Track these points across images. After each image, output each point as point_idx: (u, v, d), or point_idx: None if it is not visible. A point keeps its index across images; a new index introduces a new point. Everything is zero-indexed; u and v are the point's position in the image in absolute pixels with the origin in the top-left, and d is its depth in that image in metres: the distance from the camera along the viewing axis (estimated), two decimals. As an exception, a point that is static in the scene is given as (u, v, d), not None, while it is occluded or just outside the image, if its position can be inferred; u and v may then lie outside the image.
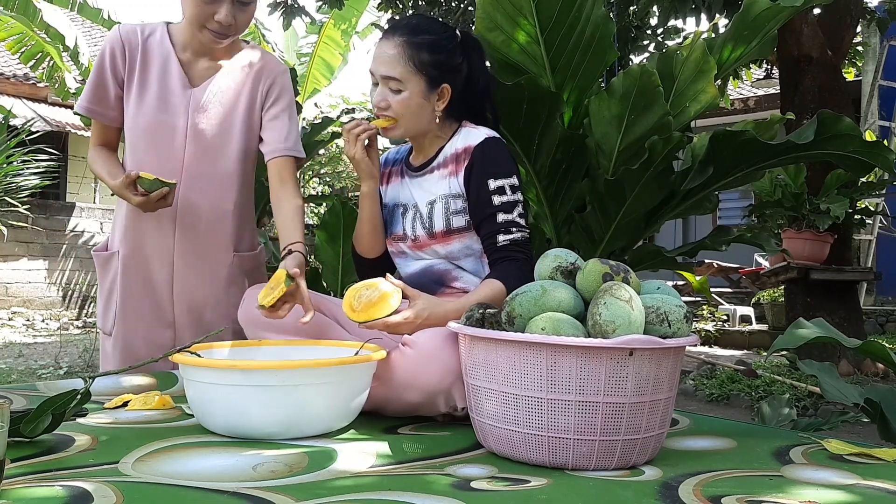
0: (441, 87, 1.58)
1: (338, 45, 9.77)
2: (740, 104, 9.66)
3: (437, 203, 1.58)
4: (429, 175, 1.62)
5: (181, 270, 1.82)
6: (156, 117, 1.78)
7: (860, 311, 5.17)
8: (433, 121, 1.60)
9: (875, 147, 2.07)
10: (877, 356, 1.41)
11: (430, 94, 1.57)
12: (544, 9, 2.17)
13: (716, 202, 2.47)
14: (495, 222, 1.51)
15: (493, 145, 1.56)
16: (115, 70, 1.79)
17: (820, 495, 0.94)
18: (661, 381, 1.07)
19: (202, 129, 1.79)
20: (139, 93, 1.79)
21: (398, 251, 1.67)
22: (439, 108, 1.59)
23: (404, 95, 1.55)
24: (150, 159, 1.77)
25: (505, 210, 1.51)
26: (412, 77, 1.55)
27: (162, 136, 1.78)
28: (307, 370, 1.21)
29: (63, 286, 9.04)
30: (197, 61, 1.82)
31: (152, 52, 1.80)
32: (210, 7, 1.68)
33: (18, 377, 4.81)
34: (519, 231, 1.52)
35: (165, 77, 1.80)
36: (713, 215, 7.66)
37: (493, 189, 1.52)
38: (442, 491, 0.93)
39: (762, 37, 2.29)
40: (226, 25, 1.70)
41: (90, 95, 1.81)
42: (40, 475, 0.96)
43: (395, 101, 1.56)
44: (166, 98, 1.78)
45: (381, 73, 1.56)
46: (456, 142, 1.60)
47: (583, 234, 2.41)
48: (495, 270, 1.51)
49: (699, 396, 4.49)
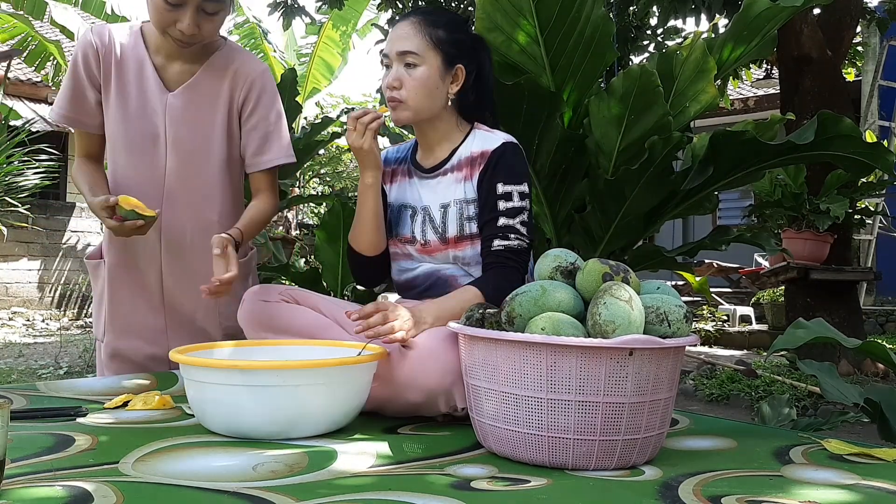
0: (456, 68, 1.56)
1: (337, 44, 9.78)
2: (740, 104, 9.66)
3: (451, 208, 1.55)
4: (442, 177, 1.59)
5: (169, 279, 1.79)
6: (135, 125, 1.72)
7: (860, 311, 5.17)
8: (444, 106, 1.57)
9: (875, 147, 2.08)
10: (877, 356, 1.41)
11: (445, 74, 1.55)
12: (544, 9, 2.17)
13: (716, 202, 2.47)
14: (495, 226, 1.49)
15: (511, 151, 1.54)
16: (90, 74, 1.71)
17: (820, 495, 0.94)
18: (660, 381, 1.07)
19: (181, 136, 1.73)
20: (118, 99, 1.72)
21: (403, 253, 1.63)
22: (452, 90, 1.56)
23: (420, 71, 1.52)
24: (131, 168, 1.72)
25: (507, 215, 1.49)
26: (429, 52, 1.53)
27: (142, 144, 1.72)
28: (307, 370, 1.21)
29: (63, 286, 9.04)
30: (171, 65, 1.74)
31: (126, 55, 1.72)
32: (171, 14, 1.59)
33: (18, 377, 4.81)
34: (517, 238, 1.49)
35: (141, 81, 1.72)
36: (713, 215, 7.66)
37: (501, 193, 1.50)
38: (442, 491, 0.93)
39: (762, 37, 2.29)
40: (188, 35, 1.61)
41: (66, 103, 1.72)
42: (40, 475, 0.96)
43: (410, 78, 1.52)
44: (143, 104, 1.71)
45: (396, 49, 1.53)
46: (471, 144, 1.57)
47: (583, 234, 2.41)
48: (479, 277, 1.50)
49: (699, 396, 4.49)
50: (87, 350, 5.73)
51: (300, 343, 1.47)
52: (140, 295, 1.80)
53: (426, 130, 1.61)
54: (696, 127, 2.85)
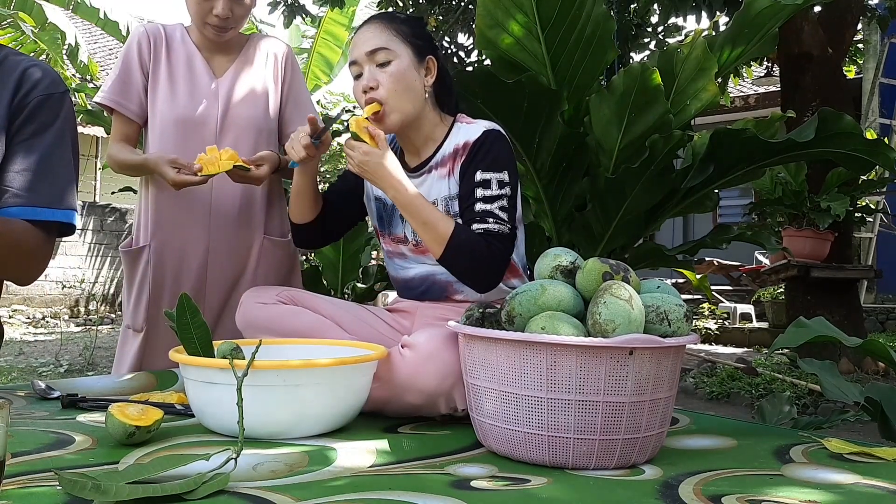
0: (427, 59, 1.55)
1: (336, 39, 9.76)
2: (741, 102, 9.66)
3: (438, 206, 1.53)
4: (427, 175, 1.57)
5: (215, 256, 1.88)
6: (187, 108, 1.85)
7: (860, 309, 5.17)
8: (424, 99, 1.55)
9: (876, 145, 2.07)
10: (877, 354, 1.41)
11: (419, 66, 1.54)
12: (545, 6, 2.17)
13: (716, 200, 2.47)
14: (473, 211, 1.46)
15: (492, 139, 1.50)
16: (142, 61, 1.87)
17: (820, 495, 0.94)
18: (661, 380, 1.07)
19: (233, 116, 1.88)
20: (169, 86, 1.86)
21: (397, 252, 1.63)
22: (428, 83, 1.55)
23: (394, 66, 1.50)
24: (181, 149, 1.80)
25: (485, 201, 1.45)
26: (398, 45, 1.51)
27: (193, 126, 1.85)
28: (307, 370, 1.21)
29: (63, 283, 9.04)
30: (214, 57, 1.92)
31: (176, 48, 1.90)
32: (207, 3, 1.79)
33: (19, 375, 4.81)
34: (496, 223, 1.44)
35: (191, 69, 1.89)
36: (713, 213, 7.66)
37: (479, 181, 1.46)
38: (442, 490, 0.93)
39: (763, 35, 2.29)
40: (224, 18, 1.79)
41: (115, 87, 1.86)
42: (40, 475, 0.96)
43: (386, 75, 1.49)
44: (194, 91, 1.87)
45: (364, 50, 1.51)
46: (455, 138, 1.55)
47: (583, 232, 2.41)
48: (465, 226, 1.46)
49: (699, 394, 4.49)
50: (87, 348, 5.74)
51: (300, 343, 1.47)
52: (185, 278, 1.87)
53: (410, 134, 1.59)
54: (696, 125, 2.85)
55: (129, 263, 1.91)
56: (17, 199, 1.28)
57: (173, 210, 1.85)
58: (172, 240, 1.86)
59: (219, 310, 1.89)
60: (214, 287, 1.88)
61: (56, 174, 1.33)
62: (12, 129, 1.30)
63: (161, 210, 1.86)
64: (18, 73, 1.32)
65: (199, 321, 1.27)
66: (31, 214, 1.29)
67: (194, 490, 0.89)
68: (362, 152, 1.44)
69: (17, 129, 1.30)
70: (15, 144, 1.30)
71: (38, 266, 1.35)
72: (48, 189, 1.31)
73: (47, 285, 8.93)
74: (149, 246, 1.87)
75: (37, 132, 1.32)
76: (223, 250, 1.88)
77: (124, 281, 1.97)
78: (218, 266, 1.88)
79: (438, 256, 1.45)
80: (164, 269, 1.87)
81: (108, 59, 12.50)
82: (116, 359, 1.95)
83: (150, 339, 1.87)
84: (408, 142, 1.61)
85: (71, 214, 1.34)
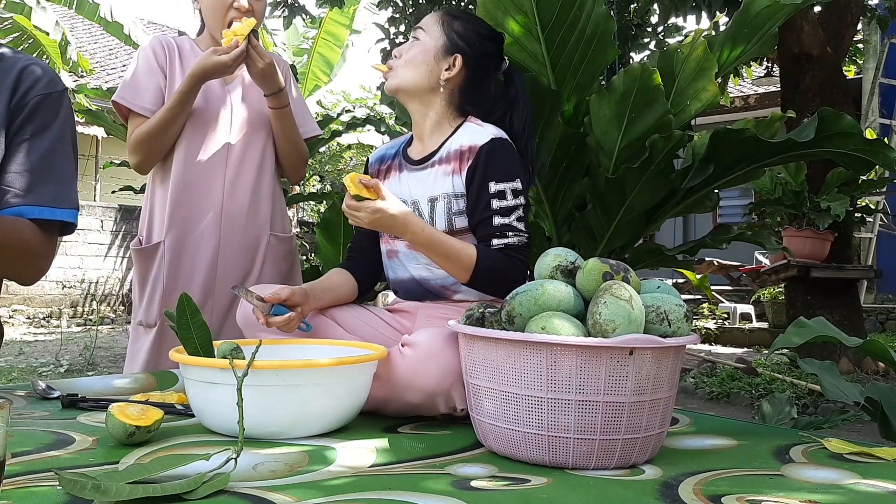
0: (455, 56, 1.58)
1: (336, 39, 9.76)
2: (741, 102, 9.66)
3: (440, 202, 1.54)
4: (430, 169, 1.58)
5: (225, 253, 1.92)
6: (201, 108, 1.93)
7: (860, 309, 5.17)
8: (431, 87, 1.59)
9: (876, 145, 2.07)
10: (877, 354, 1.41)
11: (441, 56, 1.58)
12: (545, 7, 2.17)
13: (716, 200, 2.47)
14: (491, 225, 1.48)
15: (500, 147, 1.51)
16: (160, 62, 1.95)
17: (820, 495, 0.93)
18: (661, 380, 1.07)
19: (244, 117, 1.97)
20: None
21: (393, 249, 1.63)
22: (444, 76, 1.58)
23: (419, 43, 1.59)
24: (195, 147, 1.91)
25: (502, 214, 1.48)
26: (435, 30, 1.60)
27: (207, 125, 1.93)
28: (307, 370, 1.21)
29: (63, 283, 9.04)
30: None
31: (187, 57, 1.99)
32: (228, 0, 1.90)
33: (19, 375, 4.81)
34: (515, 235, 1.48)
35: None
36: (713, 213, 7.66)
37: (494, 192, 1.48)
38: (442, 490, 0.93)
39: (763, 34, 2.29)
40: (245, 11, 1.90)
41: (129, 86, 1.92)
42: (40, 475, 0.96)
43: (409, 49, 1.61)
44: (206, 95, 1.93)
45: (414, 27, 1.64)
46: (461, 137, 1.56)
47: (583, 232, 2.41)
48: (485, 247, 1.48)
49: (699, 394, 4.49)
50: (87, 348, 5.74)
51: (300, 343, 1.47)
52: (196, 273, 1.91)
53: (415, 112, 1.64)
54: (696, 125, 2.85)
55: (142, 260, 1.95)
56: (19, 198, 1.28)
57: (187, 207, 1.90)
58: (186, 236, 1.92)
59: (227, 306, 1.92)
60: (224, 283, 1.91)
61: (57, 173, 1.33)
62: (12, 128, 1.30)
63: (175, 207, 1.91)
64: (16, 72, 1.32)
65: (200, 321, 1.27)
66: (33, 214, 1.29)
67: (194, 490, 0.89)
68: (370, 212, 1.42)
69: (17, 129, 1.30)
70: (15, 144, 1.30)
71: (42, 265, 1.35)
72: (50, 188, 1.31)
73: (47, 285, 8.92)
74: (163, 242, 1.92)
75: (37, 132, 1.32)
76: (233, 247, 1.94)
77: (135, 278, 2.01)
78: (228, 262, 1.93)
79: (466, 282, 1.49)
80: (178, 265, 1.91)
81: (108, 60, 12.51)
82: (129, 356, 1.97)
83: (164, 334, 1.89)
84: (416, 125, 1.65)
85: (73, 213, 1.34)
